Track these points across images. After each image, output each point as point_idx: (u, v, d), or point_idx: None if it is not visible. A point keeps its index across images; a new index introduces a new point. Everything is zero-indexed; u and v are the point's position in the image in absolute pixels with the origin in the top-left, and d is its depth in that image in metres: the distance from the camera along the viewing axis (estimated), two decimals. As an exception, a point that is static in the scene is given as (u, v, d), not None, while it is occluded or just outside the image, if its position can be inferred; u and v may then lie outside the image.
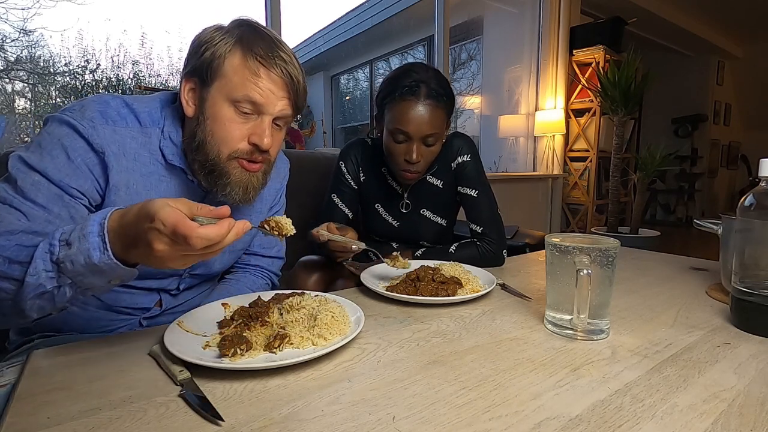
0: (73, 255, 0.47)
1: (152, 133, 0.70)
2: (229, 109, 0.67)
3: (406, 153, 0.99)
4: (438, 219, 1.16)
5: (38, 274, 0.49)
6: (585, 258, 0.57)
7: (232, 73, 0.66)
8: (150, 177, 0.70)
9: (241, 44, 0.67)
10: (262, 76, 0.66)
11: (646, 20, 4.44)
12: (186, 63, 0.69)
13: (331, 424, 0.40)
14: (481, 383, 0.47)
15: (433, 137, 0.98)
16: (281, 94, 0.68)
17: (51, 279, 0.49)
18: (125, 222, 0.47)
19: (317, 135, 3.13)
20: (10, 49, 2.28)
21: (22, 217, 0.59)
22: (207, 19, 3.34)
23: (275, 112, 0.68)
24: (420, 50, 5.10)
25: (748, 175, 6.97)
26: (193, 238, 0.44)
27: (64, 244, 0.48)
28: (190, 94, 0.69)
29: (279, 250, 0.97)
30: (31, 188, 0.60)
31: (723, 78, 6.63)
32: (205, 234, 0.45)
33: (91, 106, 0.66)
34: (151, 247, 0.45)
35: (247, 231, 0.51)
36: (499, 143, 4.01)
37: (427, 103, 0.96)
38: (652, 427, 0.39)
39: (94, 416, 0.41)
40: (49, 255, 0.49)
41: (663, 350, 0.56)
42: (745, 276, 0.63)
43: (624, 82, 3.12)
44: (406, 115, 0.96)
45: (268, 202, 0.91)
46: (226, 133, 0.67)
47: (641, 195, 3.24)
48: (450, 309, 0.73)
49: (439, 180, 1.13)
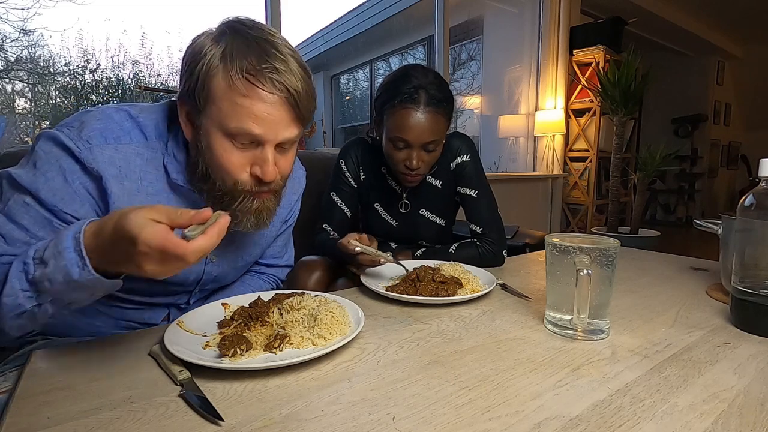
0: (50, 273, 0.45)
1: (157, 147, 0.65)
2: (224, 140, 0.59)
3: (406, 159, 0.98)
4: (437, 219, 1.16)
5: (15, 294, 0.47)
6: (585, 258, 0.57)
7: (220, 98, 0.57)
8: (158, 196, 0.65)
9: (224, 61, 0.57)
10: (254, 97, 0.57)
11: (646, 20, 4.44)
12: (180, 79, 0.62)
13: (331, 424, 0.40)
14: (481, 383, 0.47)
15: (433, 144, 0.98)
16: (281, 114, 0.59)
17: (29, 298, 0.47)
18: (102, 239, 0.45)
19: (317, 135, 3.12)
20: (10, 49, 2.28)
21: (1, 241, 0.55)
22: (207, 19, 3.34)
23: (277, 137, 0.60)
24: (420, 50, 5.10)
25: (748, 175, 6.96)
26: (187, 255, 0.42)
27: (39, 263, 0.46)
28: (186, 119, 0.62)
29: (289, 258, 0.96)
30: (18, 210, 0.56)
31: (723, 78, 6.63)
32: (199, 248, 0.43)
33: (91, 124, 0.61)
34: (142, 269, 0.43)
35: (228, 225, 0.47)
36: (499, 143, 4.01)
37: (427, 110, 0.94)
38: (652, 427, 0.39)
39: (94, 416, 0.41)
40: (24, 275, 0.47)
41: (663, 350, 0.56)
42: (745, 276, 0.63)
43: (624, 82, 3.12)
44: (406, 124, 0.94)
45: (283, 215, 0.87)
46: (226, 165, 0.60)
47: (641, 195, 3.24)
48: (450, 309, 0.73)
49: (438, 180, 1.13)
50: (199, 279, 0.75)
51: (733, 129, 7.04)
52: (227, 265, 0.78)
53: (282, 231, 0.90)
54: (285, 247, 0.95)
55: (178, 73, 0.64)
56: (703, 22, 5.38)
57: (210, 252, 0.45)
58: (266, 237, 0.83)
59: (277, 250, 0.92)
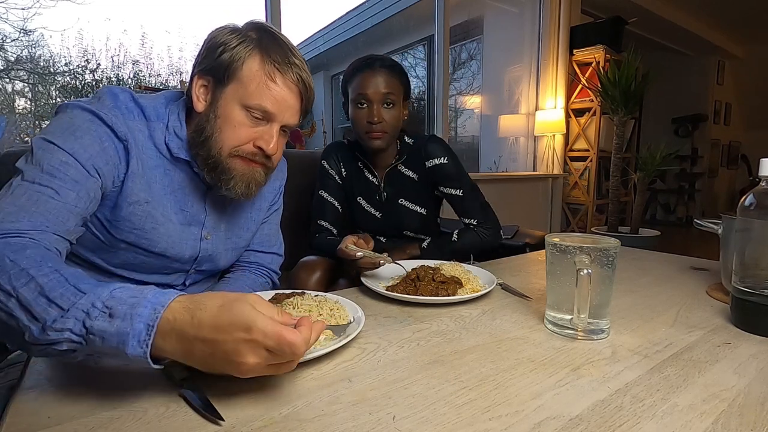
0: (108, 333, 0.40)
1: (157, 128, 0.71)
2: (241, 112, 0.68)
3: (368, 116, 1.08)
4: (417, 208, 1.19)
5: (63, 331, 0.41)
6: (585, 258, 0.57)
7: (248, 78, 0.68)
8: (156, 170, 0.71)
9: (260, 49, 0.68)
10: (278, 82, 0.69)
11: (646, 20, 4.44)
12: (199, 60, 0.71)
13: (331, 424, 0.40)
14: (482, 383, 0.47)
15: (390, 97, 1.08)
16: (293, 102, 0.71)
17: (71, 343, 0.41)
18: (192, 323, 0.40)
19: (317, 135, 3.12)
20: (10, 49, 2.28)
21: (55, 195, 0.58)
22: (207, 19, 3.34)
23: (284, 120, 0.71)
24: (420, 50, 5.09)
25: (748, 175, 6.96)
26: (300, 346, 0.40)
27: (106, 313, 0.40)
28: (202, 90, 0.71)
29: (279, 247, 0.97)
30: (60, 167, 0.59)
31: (723, 78, 6.62)
32: (306, 338, 0.41)
33: (107, 97, 0.68)
34: (241, 360, 0.40)
35: (322, 330, 0.47)
36: (499, 143, 4.01)
37: (382, 70, 1.08)
38: (652, 426, 0.39)
39: (94, 416, 0.41)
40: (85, 316, 0.41)
41: (663, 350, 0.56)
42: (745, 276, 0.63)
43: (624, 81, 3.11)
44: (363, 82, 1.08)
45: (268, 200, 0.92)
46: (234, 134, 0.69)
47: (641, 195, 3.24)
48: (450, 309, 0.73)
49: (413, 172, 1.18)
50: (195, 256, 0.79)
51: (734, 129, 7.04)
52: (220, 244, 0.82)
53: (268, 218, 0.94)
54: (274, 237, 0.96)
55: (179, 73, 0.71)
56: (703, 22, 5.37)
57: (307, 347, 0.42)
58: (253, 221, 0.88)
59: (266, 238, 0.94)
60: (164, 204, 0.72)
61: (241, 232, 0.86)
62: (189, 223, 0.76)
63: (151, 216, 0.70)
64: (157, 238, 0.72)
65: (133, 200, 0.68)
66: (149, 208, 0.70)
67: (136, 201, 0.68)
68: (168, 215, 0.73)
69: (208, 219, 0.79)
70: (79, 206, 0.61)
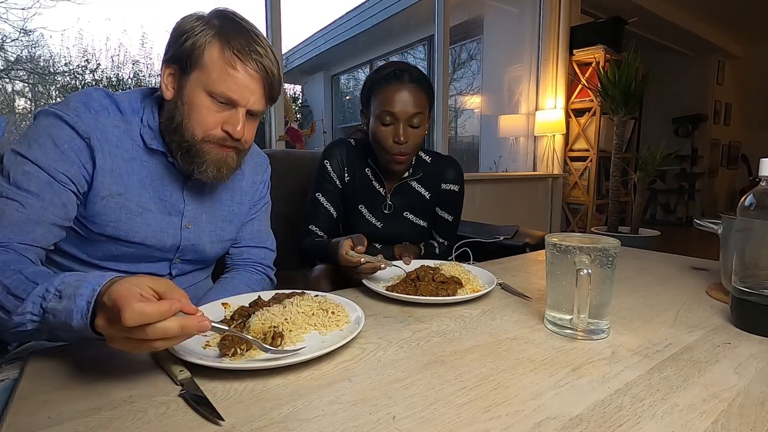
0: (58, 310, 0.48)
1: (132, 121, 0.74)
2: (206, 98, 0.70)
3: (393, 135, 1.03)
4: (420, 222, 1.20)
5: (24, 314, 0.50)
6: (585, 258, 0.57)
7: (210, 65, 0.69)
8: (132, 162, 0.73)
9: (220, 37, 0.69)
10: (239, 69, 0.69)
11: (646, 20, 4.44)
12: (167, 49, 0.73)
13: (331, 424, 0.40)
14: (482, 383, 0.47)
15: (417, 118, 1.03)
16: (256, 88, 0.72)
17: (33, 323, 0.51)
18: (108, 299, 0.45)
19: (317, 135, 3.12)
20: (10, 48, 2.28)
21: (19, 207, 0.62)
22: (207, 18, 3.31)
23: (248, 105, 0.72)
24: (420, 50, 5.10)
25: (748, 175, 6.96)
26: (125, 312, 0.41)
27: (57, 296, 0.49)
28: (170, 79, 0.72)
29: (271, 242, 0.98)
30: (23, 178, 0.63)
31: (723, 78, 6.62)
32: (140, 309, 0.41)
33: (75, 98, 0.71)
34: (107, 333, 0.45)
35: (203, 331, 0.46)
36: (499, 143, 4.01)
37: (411, 85, 1.03)
38: (652, 426, 0.39)
39: (94, 416, 0.41)
40: (41, 300, 0.50)
41: (663, 350, 0.56)
42: (745, 276, 0.63)
43: (624, 81, 3.11)
44: (392, 97, 1.02)
45: (250, 194, 0.92)
46: (202, 120, 0.71)
47: (641, 195, 3.24)
48: (450, 309, 0.73)
49: (426, 190, 1.18)
50: (178, 245, 0.80)
51: (734, 129, 7.03)
52: (204, 235, 0.84)
53: (256, 214, 0.95)
54: (265, 233, 0.98)
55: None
56: (703, 22, 5.37)
57: (158, 329, 0.43)
58: (236, 215, 0.90)
59: (257, 234, 0.95)
60: (141, 194, 0.74)
61: (224, 225, 0.87)
62: (168, 212, 0.78)
63: (126, 207, 0.72)
64: (136, 228, 0.74)
65: (105, 194, 0.70)
66: (122, 200, 0.72)
67: (108, 194, 0.70)
68: (146, 205, 0.75)
69: (187, 208, 0.80)
70: (46, 214, 0.64)
